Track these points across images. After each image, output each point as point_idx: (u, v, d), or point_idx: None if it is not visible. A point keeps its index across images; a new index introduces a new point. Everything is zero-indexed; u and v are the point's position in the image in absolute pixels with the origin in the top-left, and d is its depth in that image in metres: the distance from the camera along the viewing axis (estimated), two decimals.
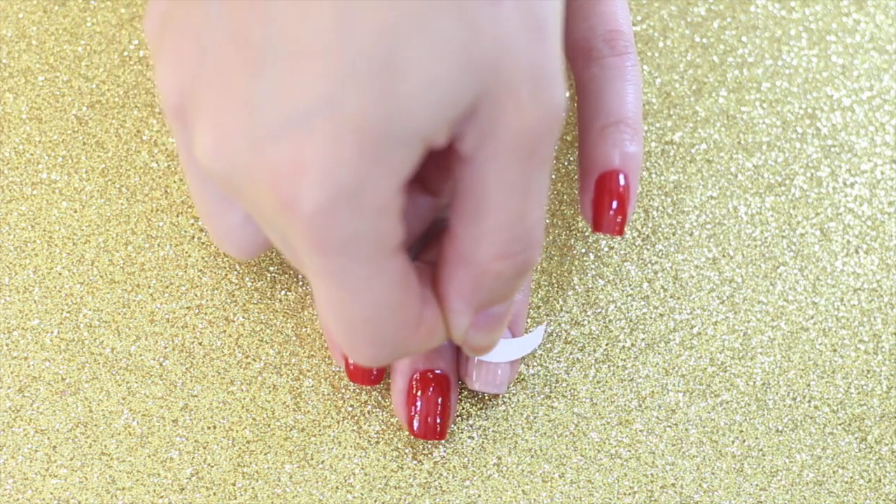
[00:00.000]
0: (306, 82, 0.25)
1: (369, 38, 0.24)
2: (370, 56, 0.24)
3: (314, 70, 0.25)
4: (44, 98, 0.42)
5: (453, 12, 0.25)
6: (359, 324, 0.29)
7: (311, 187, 0.25)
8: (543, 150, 0.27)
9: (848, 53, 0.44)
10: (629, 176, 0.36)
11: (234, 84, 0.26)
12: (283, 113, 0.25)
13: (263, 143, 0.26)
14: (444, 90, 0.25)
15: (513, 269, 0.30)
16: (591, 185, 0.37)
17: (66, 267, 0.40)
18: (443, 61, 0.25)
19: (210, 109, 0.27)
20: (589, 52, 0.38)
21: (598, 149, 0.37)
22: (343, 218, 0.26)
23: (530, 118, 0.27)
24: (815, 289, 0.41)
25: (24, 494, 0.37)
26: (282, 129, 0.25)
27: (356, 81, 0.24)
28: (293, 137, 0.25)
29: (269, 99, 0.25)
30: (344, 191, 0.25)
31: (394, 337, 0.30)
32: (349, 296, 0.28)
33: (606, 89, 0.37)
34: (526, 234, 0.29)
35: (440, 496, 0.38)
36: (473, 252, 0.29)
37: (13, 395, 0.38)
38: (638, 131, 0.37)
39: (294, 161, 0.25)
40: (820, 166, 0.43)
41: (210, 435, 0.38)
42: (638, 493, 0.38)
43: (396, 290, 0.28)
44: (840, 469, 0.39)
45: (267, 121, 0.25)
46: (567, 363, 0.40)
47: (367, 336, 0.29)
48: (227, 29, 0.26)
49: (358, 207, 0.26)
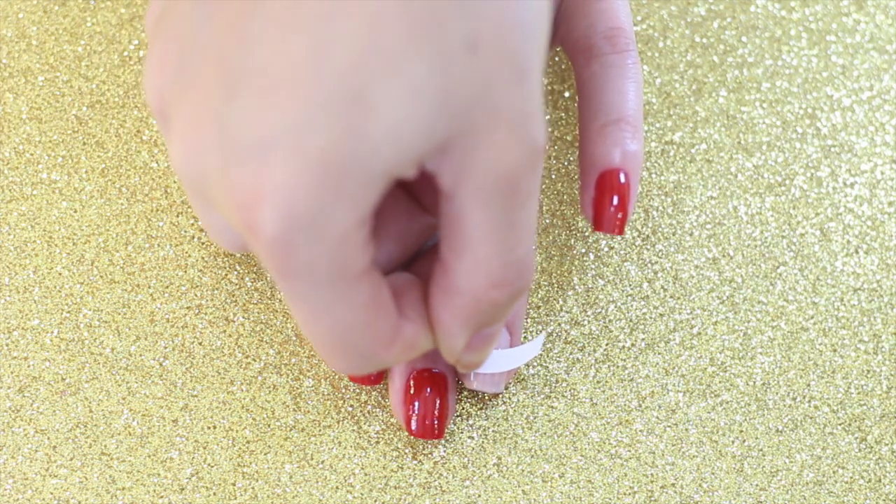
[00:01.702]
0: (276, 111, 0.25)
1: (341, 74, 0.24)
2: (340, 92, 0.24)
3: (284, 100, 0.25)
4: (44, 98, 0.42)
5: (428, 57, 0.25)
6: (326, 340, 0.29)
7: (270, 215, 0.25)
8: (526, 185, 0.27)
9: (848, 53, 0.44)
10: (630, 174, 0.36)
11: (209, 101, 0.26)
12: (251, 138, 0.25)
13: (230, 164, 0.26)
14: (410, 131, 0.25)
15: (507, 296, 0.30)
16: (591, 184, 0.37)
17: (66, 267, 0.40)
18: (412, 104, 0.25)
19: (184, 121, 0.27)
20: (590, 49, 0.38)
21: (598, 147, 0.36)
22: (301, 247, 0.26)
23: (508, 159, 0.26)
24: (815, 289, 0.41)
25: (24, 494, 0.37)
26: (248, 154, 0.25)
27: (323, 116, 0.25)
28: (257, 164, 0.25)
29: (240, 123, 0.25)
30: (301, 221, 0.25)
31: (364, 353, 0.30)
32: (312, 317, 0.29)
33: (607, 87, 0.37)
34: (517, 263, 0.29)
35: (440, 496, 0.38)
36: (465, 282, 0.29)
37: (13, 395, 0.38)
38: (639, 129, 0.37)
39: (256, 187, 0.25)
40: (820, 166, 0.43)
41: (210, 435, 0.38)
42: (638, 493, 0.38)
43: (362, 312, 0.29)
44: (840, 469, 0.39)
45: (235, 144, 0.26)
46: (567, 363, 0.40)
47: (336, 351, 0.30)
48: (208, 45, 0.26)
49: (316, 238, 0.26)
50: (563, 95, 0.44)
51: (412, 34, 0.24)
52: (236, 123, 0.25)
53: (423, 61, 0.25)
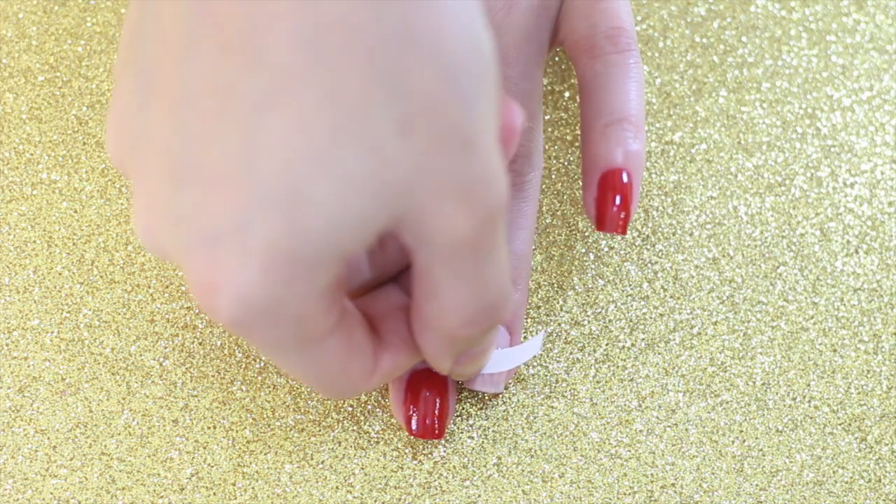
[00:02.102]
0: (218, 206, 0.25)
1: (275, 170, 0.24)
2: (276, 189, 0.24)
3: (225, 196, 0.25)
4: (44, 98, 0.42)
5: (360, 145, 0.24)
6: (304, 381, 0.30)
7: (226, 303, 0.26)
8: (487, 241, 0.27)
9: (848, 53, 0.44)
10: (632, 174, 0.36)
11: (159, 185, 0.26)
12: (199, 229, 0.25)
13: (183, 251, 0.26)
14: (349, 220, 0.25)
15: (481, 331, 0.30)
16: (594, 183, 0.37)
17: (66, 267, 0.40)
18: (349, 194, 0.24)
19: (139, 196, 0.27)
20: (592, 49, 0.38)
21: (601, 147, 0.36)
22: (261, 328, 0.27)
23: (461, 227, 0.26)
24: (815, 289, 0.41)
25: (24, 494, 0.37)
26: (199, 243, 0.26)
27: (263, 213, 0.25)
28: (209, 254, 0.25)
29: (188, 213, 0.26)
30: (257, 309, 0.26)
31: (344, 388, 0.30)
32: (285, 369, 0.29)
33: (609, 87, 0.37)
34: (488, 306, 0.29)
35: (440, 496, 0.38)
36: (437, 323, 0.30)
37: (13, 395, 0.38)
38: (641, 129, 0.37)
39: (211, 275, 0.26)
40: (820, 166, 0.43)
41: (210, 435, 0.38)
42: (638, 493, 0.38)
43: (334, 363, 0.29)
44: (840, 469, 0.39)
45: (186, 232, 0.26)
46: (567, 363, 0.40)
47: (316, 388, 0.30)
48: (151, 130, 0.26)
49: (274, 321, 0.26)
50: (563, 96, 0.44)
51: (340, 126, 0.24)
52: (185, 213, 0.26)
53: (353, 152, 0.24)
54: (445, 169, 0.25)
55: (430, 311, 0.29)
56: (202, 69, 0.24)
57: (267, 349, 0.28)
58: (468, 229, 0.26)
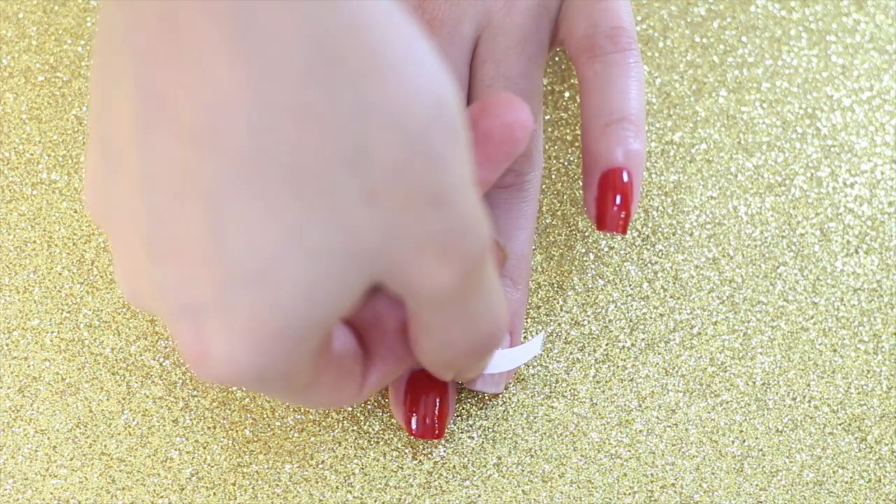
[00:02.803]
0: (197, 283, 0.25)
1: (244, 251, 0.24)
2: (247, 269, 0.24)
3: (201, 274, 0.25)
4: (44, 98, 0.42)
5: (326, 220, 0.24)
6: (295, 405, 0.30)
7: (215, 371, 0.26)
8: (473, 285, 0.27)
9: (848, 53, 0.44)
10: (632, 173, 0.36)
11: (136, 256, 0.26)
12: (181, 303, 0.25)
13: (168, 319, 0.26)
14: (325, 293, 0.25)
15: (477, 358, 0.30)
16: (594, 183, 0.36)
17: (66, 267, 0.40)
18: (321, 269, 0.24)
19: (120, 256, 0.27)
20: (592, 48, 0.38)
21: (601, 146, 0.36)
22: (251, 386, 0.27)
23: (443, 279, 0.26)
24: (815, 289, 0.41)
25: (24, 494, 0.37)
26: (182, 315, 0.26)
27: (240, 291, 0.24)
28: (193, 328, 0.26)
29: (168, 285, 0.26)
30: (246, 376, 0.26)
31: (331, 406, 0.31)
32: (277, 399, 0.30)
33: (610, 86, 0.37)
34: (484, 336, 0.29)
35: (440, 496, 0.38)
36: (434, 355, 0.30)
37: (13, 395, 0.38)
38: (641, 128, 0.36)
39: (198, 346, 0.26)
40: (820, 166, 0.43)
41: (210, 435, 0.38)
42: (638, 493, 0.38)
43: (325, 395, 0.30)
44: (840, 469, 0.39)
45: (167, 303, 0.26)
46: (567, 363, 0.40)
47: (309, 407, 0.31)
48: (122, 202, 0.26)
49: (263, 383, 0.27)
50: (563, 96, 0.44)
51: (303, 202, 0.24)
52: (164, 286, 0.26)
53: (320, 228, 0.24)
54: (417, 229, 0.25)
55: (427, 345, 0.30)
56: (161, 154, 0.24)
57: (256, 392, 0.29)
58: (449, 280, 0.26)
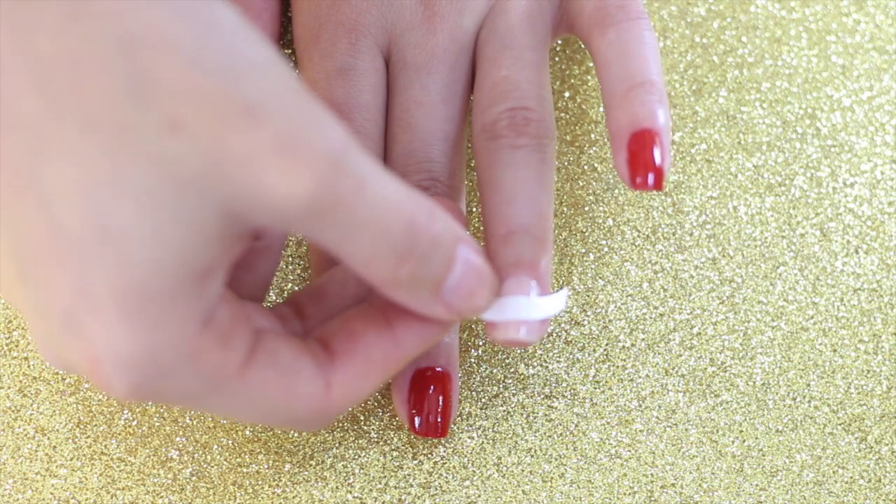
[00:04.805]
0: (55, 281, 0.24)
1: (75, 215, 0.24)
2: (86, 231, 0.24)
3: (54, 267, 0.24)
4: None
5: (136, 158, 0.23)
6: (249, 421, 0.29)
7: (113, 374, 0.25)
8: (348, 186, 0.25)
9: (848, 53, 0.44)
10: (661, 132, 0.34)
11: (15, 287, 0.26)
12: (56, 315, 0.25)
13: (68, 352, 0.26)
14: (172, 232, 0.24)
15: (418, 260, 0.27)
16: (624, 147, 0.34)
17: None
18: (152, 207, 0.24)
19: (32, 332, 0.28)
20: (604, 19, 0.36)
21: (626, 111, 0.34)
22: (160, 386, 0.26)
23: (301, 184, 0.24)
24: (815, 289, 0.41)
25: (24, 494, 0.37)
26: (64, 332, 0.25)
27: (90, 261, 0.24)
28: (76, 335, 0.25)
29: (40, 304, 0.25)
30: (141, 366, 0.25)
31: (302, 418, 0.29)
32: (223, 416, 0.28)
33: (626, 53, 0.35)
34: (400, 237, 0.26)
35: (440, 496, 0.38)
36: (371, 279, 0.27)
37: (13, 395, 0.38)
38: (664, 94, 0.34)
39: (87, 356, 0.25)
40: (820, 166, 0.43)
41: (210, 435, 0.38)
42: (638, 493, 0.38)
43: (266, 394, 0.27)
44: (840, 469, 0.39)
45: (49, 325, 0.25)
46: (567, 363, 0.40)
47: (272, 424, 0.29)
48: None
49: (166, 373, 0.25)
50: (563, 96, 0.44)
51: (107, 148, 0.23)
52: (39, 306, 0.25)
53: (130, 167, 0.23)
54: (239, 142, 0.24)
55: (360, 273, 0.27)
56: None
57: (187, 404, 0.26)
58: (307, 185, 0.24)
